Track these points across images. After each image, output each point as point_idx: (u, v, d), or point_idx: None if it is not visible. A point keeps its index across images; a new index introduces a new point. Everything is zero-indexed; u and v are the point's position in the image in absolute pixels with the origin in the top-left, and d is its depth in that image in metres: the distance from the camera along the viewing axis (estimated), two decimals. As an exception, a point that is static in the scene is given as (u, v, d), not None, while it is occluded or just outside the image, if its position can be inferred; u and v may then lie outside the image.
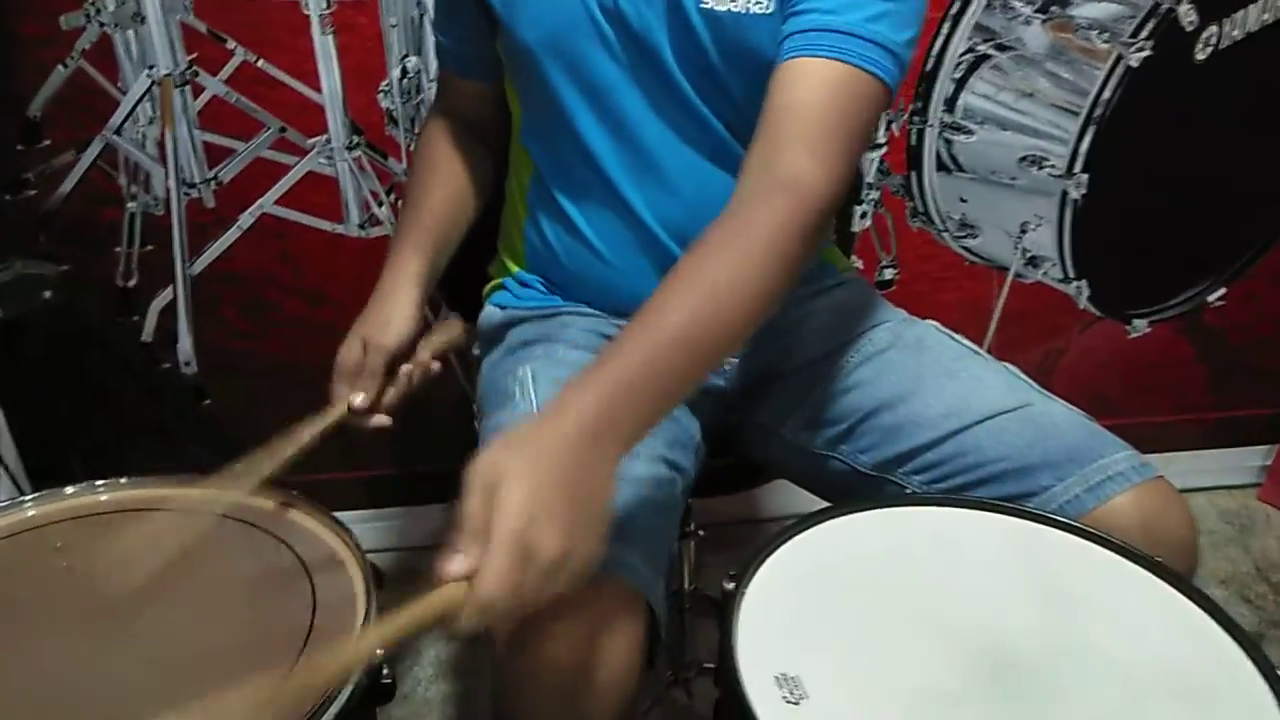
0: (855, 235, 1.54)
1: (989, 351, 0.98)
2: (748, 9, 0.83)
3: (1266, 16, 1.47)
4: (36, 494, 0.84)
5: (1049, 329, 1.68)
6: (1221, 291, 1.68)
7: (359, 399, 0.86)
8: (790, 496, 1.65)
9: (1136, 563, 0.77)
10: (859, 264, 1.57)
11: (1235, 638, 0.70)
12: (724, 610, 0.75)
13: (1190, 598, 0.74)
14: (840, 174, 0.77)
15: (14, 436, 1.26)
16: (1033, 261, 1.60)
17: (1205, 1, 1.42)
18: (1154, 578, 0.75)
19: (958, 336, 1.00)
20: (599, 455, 0.62)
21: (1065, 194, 1.53)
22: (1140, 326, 1.70)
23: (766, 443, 1.01)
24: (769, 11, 0.83)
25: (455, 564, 0.57)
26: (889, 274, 1.60)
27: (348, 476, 1.57)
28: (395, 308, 0.91)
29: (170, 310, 1.49)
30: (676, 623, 1.30)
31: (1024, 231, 1.57)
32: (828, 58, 0.78)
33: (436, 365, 0.94)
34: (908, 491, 0.90)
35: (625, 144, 0.91)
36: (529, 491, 0.58)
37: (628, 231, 0.94)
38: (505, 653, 0.74)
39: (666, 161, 0.91)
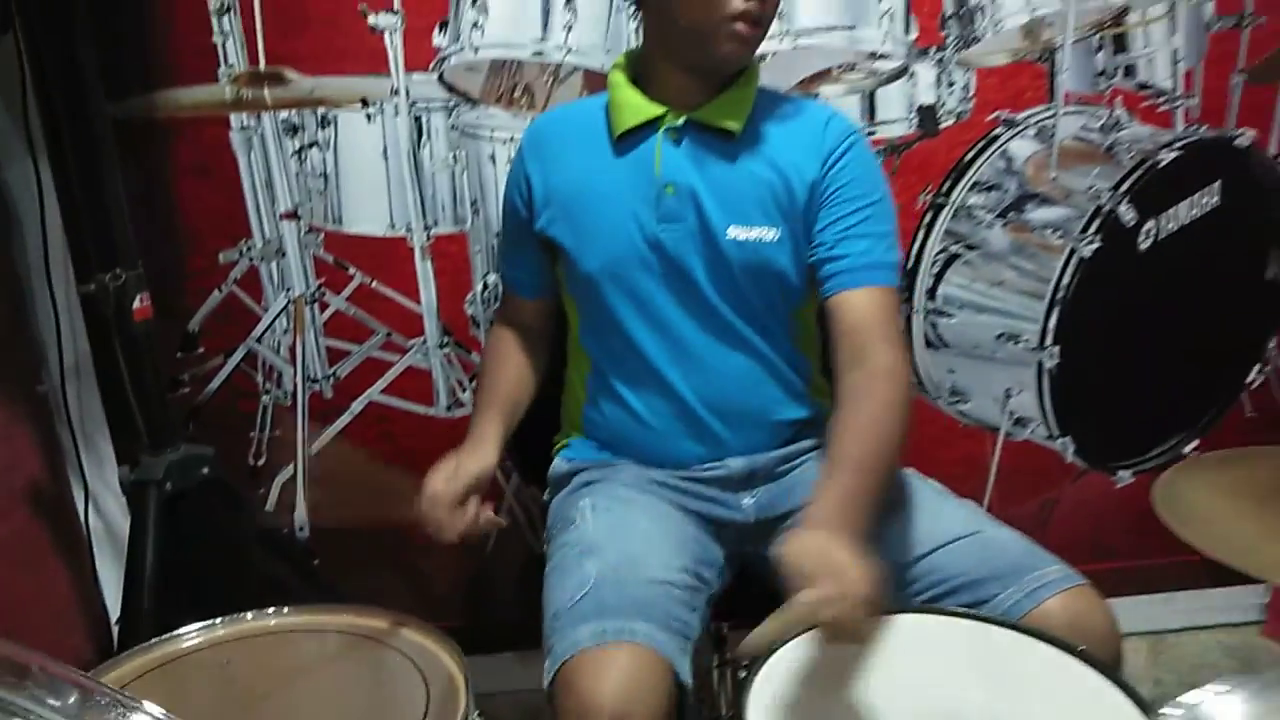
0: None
1: (989, 503, 1.22)
2: (761, 239, 1.17)
3: (1195, 211, 1.75)
4: (224, 618, 1.11)
5: (1042, 481, 1.87)
6: (1195, 443, 1.86)
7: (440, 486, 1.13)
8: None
9: (1066, 651, 0.98)
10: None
11: (1141, 708, 0.89)
12: (739, 693, 0.98)
13: (1108, 678, 0.94)
14: (908, 358, 1.15)
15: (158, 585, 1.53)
16: (1020, 422, 1.83)
17: (1142, 201, 1.68)
18: (1079, 663, 0.96)
19: (930, 481, 1.25)
20: (853, 537, 0.97)
21: (1040, 364, 1.77)
22: (1125, 477, 1.87)
23: (774, 571, 1.24)
24: (777, 240, 1.18)
25: (815, 591, 0.90)
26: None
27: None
28: (480, 447, 1.21)
29: (290, 483, 1.79)
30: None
31: (1008, 396, 1.80)
32: (873, 286, 1.16)
33: (503, 520, 1.20)
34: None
35: (665, 338, 1.22)
36: (847, 550, 0.94)
37: (669, 404, 1.23)
38: (561, 696, 0.98)
39: (697, 349, 1.21)
